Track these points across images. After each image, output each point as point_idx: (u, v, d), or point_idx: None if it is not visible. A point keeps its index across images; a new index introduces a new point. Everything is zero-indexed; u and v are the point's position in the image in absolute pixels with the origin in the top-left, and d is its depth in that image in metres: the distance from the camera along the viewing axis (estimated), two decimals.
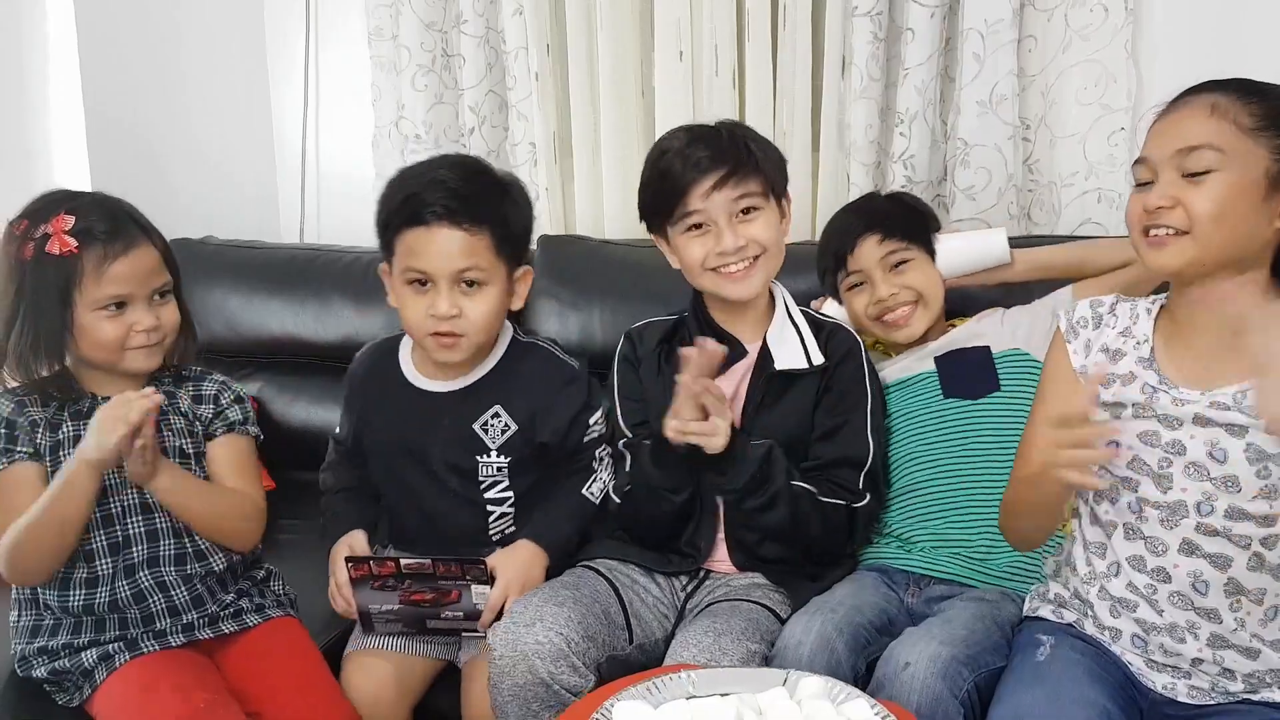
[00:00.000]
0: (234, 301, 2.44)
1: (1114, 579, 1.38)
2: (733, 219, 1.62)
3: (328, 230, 2.83)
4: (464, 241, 1.59)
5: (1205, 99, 1.29)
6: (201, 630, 1.59)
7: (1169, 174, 1.30)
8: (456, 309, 1.60)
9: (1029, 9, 2.17)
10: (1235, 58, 1.91)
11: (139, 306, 1.53)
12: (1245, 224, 1.27)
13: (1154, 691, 1.36)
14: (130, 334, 1.53)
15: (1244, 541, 1.29)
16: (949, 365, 1.75)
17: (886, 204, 1.88)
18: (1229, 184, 1.27)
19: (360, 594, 1.63)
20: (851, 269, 1.80)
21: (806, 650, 1.43)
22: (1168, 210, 1.29)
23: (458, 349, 1.64)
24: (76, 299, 1.49)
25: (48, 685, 1.56)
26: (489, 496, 1.73)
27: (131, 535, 1.56)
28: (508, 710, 1.49)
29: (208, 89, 2.74)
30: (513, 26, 2.45)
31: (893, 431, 1.76)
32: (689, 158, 1.62)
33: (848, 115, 2.26)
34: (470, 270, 1.60)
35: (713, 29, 2.33)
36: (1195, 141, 1.28)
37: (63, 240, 1.49)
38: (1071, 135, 2.19)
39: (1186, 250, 1.29)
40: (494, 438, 1.71)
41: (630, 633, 1.60)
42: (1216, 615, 1.31)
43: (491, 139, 2.57)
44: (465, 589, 1.60)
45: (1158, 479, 1.33)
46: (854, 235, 1.80)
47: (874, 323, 1.80)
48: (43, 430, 1.54)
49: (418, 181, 1.63)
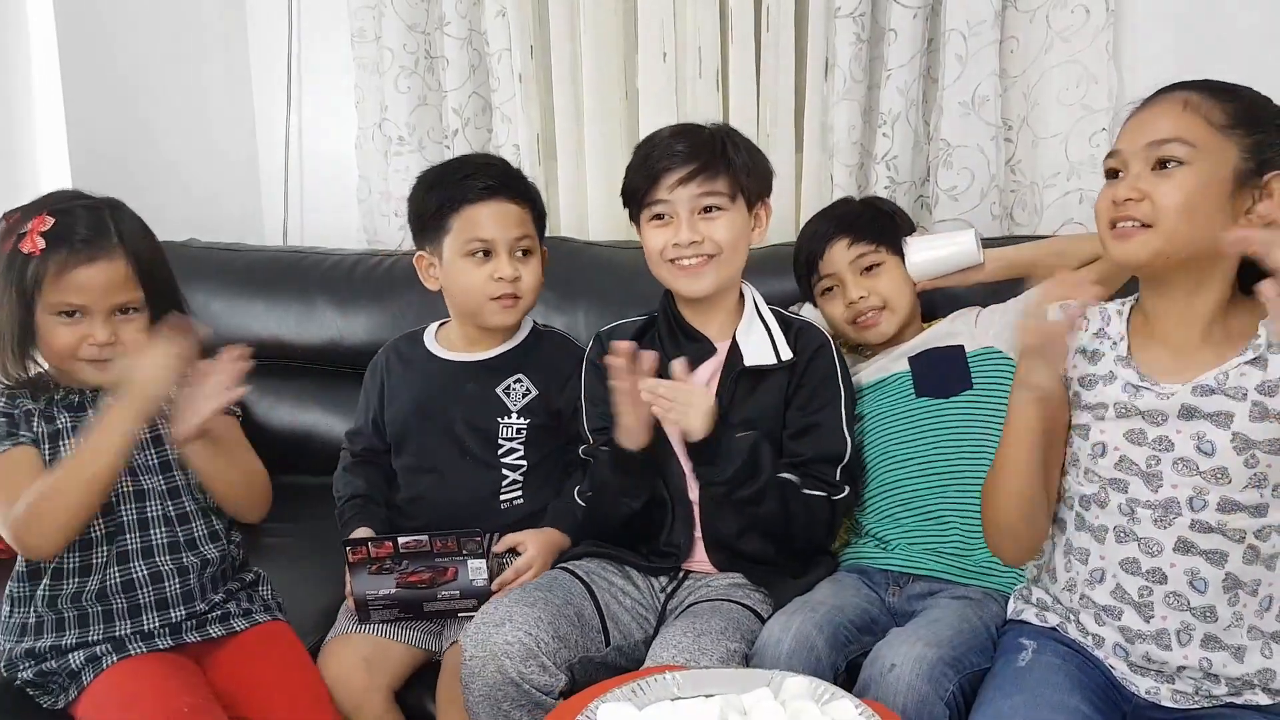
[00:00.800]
0: (217, 305, 2.43)
1: (1098, 585, 1.38)
2: (694, 214, 1.65)
3: (311, 232, 2.82)
4: (518, 213, 1.80)
5: (1179, 95, 1.31)
6: (189, 633, 1.59)
7: (1138, 166, 1.31)
8: (517, 273, 1.78)
9: (1011, 10, 2.18)
10: (1215, 59, 1.92)
11: (95, 319, 1.52)
12: (1211, 219, 1.28)
13: (1138, 696, 1.36)
14: (82, 345, 1.52)
15: (1238, 535, 1.29)
16: (921, 365, 1.76)
17: (858, 208, 1.91)
18: (1197, 178, 1.28)
19: (357, 580, 1.65)
20: (824, 272, 1.83)
21: (785, 648, 1.44)
22: (1135, 203, 1.30)
23: (515, 310, 1.82)
24: (37, 299, 1.50)
25: (31, 689, 1.55)
26: (505, 461, 1.83)
27: (125, 523, 1.56)
28: (480, 709, 1.50)
29: (190, 91, 2.73)
30: (496, 28, 2.45)
31: (867, 432, 1.77)
32: (668, 149, 1.67)
33: (831, 116, 2.27)
34: (524, 239, 1.80)
35: (696, 31, 2.33)
36: (1166, 135, 1.29)
37: (33, 240, 1.49)
38: (1053, 136, 2.20)
39: (1151, 242, 1.30)
40: (515, 400, 1.84)
41: (606, 635, 1.61)
42: (1213, 613, 1.31)
43: (475, 141, 2.57)
44: (461, 565, 1.63)
45: (1147, 478, 1.33)
46: (824, 239, 1.83)
47: (848, 326, 1.83)
48: (38, 420, 1.54)
49: (468, 166, 1.84)
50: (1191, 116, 1.29)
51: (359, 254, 2.50)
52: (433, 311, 1.99)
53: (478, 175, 1.79)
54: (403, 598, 1.66)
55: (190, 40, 2.72)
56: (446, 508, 1.81)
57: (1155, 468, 1.32)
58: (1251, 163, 1.28)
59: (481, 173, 1.80)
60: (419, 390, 1.87)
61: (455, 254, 1.78)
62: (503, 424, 1.83)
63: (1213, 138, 1.28)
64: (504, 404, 1.84)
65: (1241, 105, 1.29)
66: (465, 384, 1.85)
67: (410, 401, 1.88)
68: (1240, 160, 1.28)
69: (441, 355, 1.89)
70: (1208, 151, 1.28)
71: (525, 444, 1.84)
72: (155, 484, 1.59)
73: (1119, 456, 1.35)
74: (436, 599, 1.67)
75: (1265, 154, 1.28)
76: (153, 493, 1.58)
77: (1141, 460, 1.33)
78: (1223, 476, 1.29)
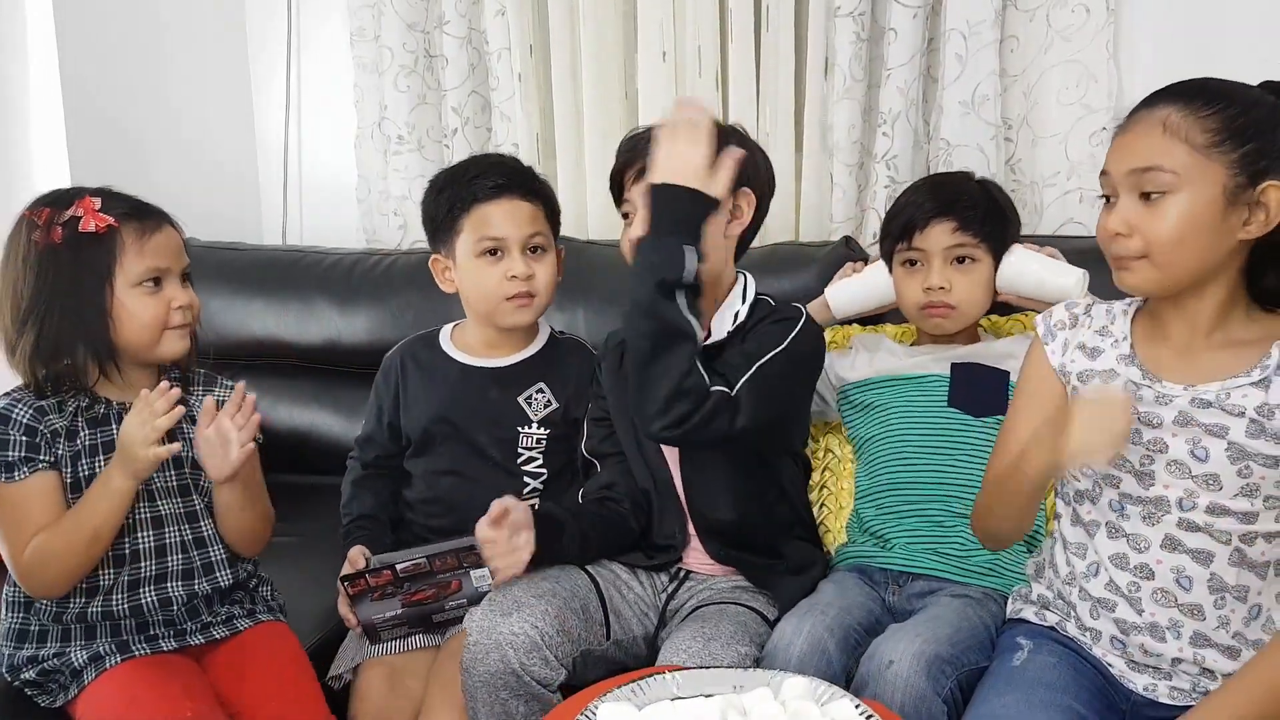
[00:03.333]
0: (216, 304, 2.42)
1: (1093, 579, 1.38)
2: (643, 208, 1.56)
3: (310, 232, 2.82)
4: (529, 210, 1.78)
5: (1159, 114, 1.26)
6: (193, 635, 1.59)
7: (1126, 194, 1.28)
8: (530, 270, 1.76)
9: (1011, 9, 2.18)
10: (1214, 58, 1.92)
11: (174, 283, 1.54)
12: (1207, 242, 1.25)
13: (1135, 693, 1.36)
14: (169, 312, 1.53)
15: (1225, 537, 1.29)
16: (962, 375, 1.71)
17: (975, 191, 1.76)
18: (1184, 206, 1.24)
19: (361, 608, 1.64)
20: (916, 245, 1.73)
21: (797, 652, 1.43)
22: (1124, 238, 1.28)
23: (530, 309, 1.79)
24: (116, 275, 1.49)
25: (30, 689, 1.54)
26: (525, 469, 1.83)
27: (141, 550, 1.55)
28: (477, 695, 1.50)
29: (189, 90, 2.72)
30: (495, 27, 2.45)
31: (887, 423, 1.75)
32: (631, 146, 1.66)
33: (830, 116, 2.27)
34: (537, 236, 1.78)
35: (696, 30, 2.33)
36: (1147, 163, 1.25)
37: (99, 217, 1.49)
38: (1053, 135, 2.20)
39: (1149, 274, 1.28)
40: (536, 410, 1.83)
41: (608, 628, 1.61)
42: (1200, 612, 1.31)
43: (475, 140, 2.57)
44: (464, 576, 1.62)
45: (1139, 476, 1.33)
46: (930, 215, 1.71)
47: (915, 308, 1.75)
48: (63, 440, 1.52)
49: (477, 166, 1.81)
50: (1170, 141, 1.24)
51: (358, 253, 2.49)
52: (432, 311, 1.99)
53: (487, 174, 1.78)
54: (411, 615, 1.66)
55: (189, 39, 2.71)
56: (466, 510, 1.74)
57: (1149, 467, 1.32)
58: (1242, 176, 1.23)
59: (491, 171, 1.79)
60: (441, 396, 1.85)
61: (468, 255, 1.77)
62: (523, 434, 1.83)
63: (1195, 162, 1.23)
64: (525, 414, 1.83)
65: (1226, 116, 1.23)
66: (488, 391, 1.84)
67: (431, 407, 1.85)
68: (1228, 178, 1.23)
69: (461, 360, 1.87)
70: (1191, 178, 1.23)
71: (545, 454, 1.83)
72: (174, 509, 1.58)
73: None
74: (444, 610, 1.67)
75: (1258, 163, 1.23)
76: (170, 518, 1.57)
77: (1135, 458, 1.33)
78: (1214, 482, 1.29)
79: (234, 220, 2.78)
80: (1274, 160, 1.24)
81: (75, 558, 1.47)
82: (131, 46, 2.59)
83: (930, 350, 1.79)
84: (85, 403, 1.54)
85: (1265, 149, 1.23)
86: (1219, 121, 1.23)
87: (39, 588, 1.51)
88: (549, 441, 1.83)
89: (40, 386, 1.51)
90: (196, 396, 1.64)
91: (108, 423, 1.55)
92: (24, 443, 1.49)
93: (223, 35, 2.79)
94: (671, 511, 1.69)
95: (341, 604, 1.68)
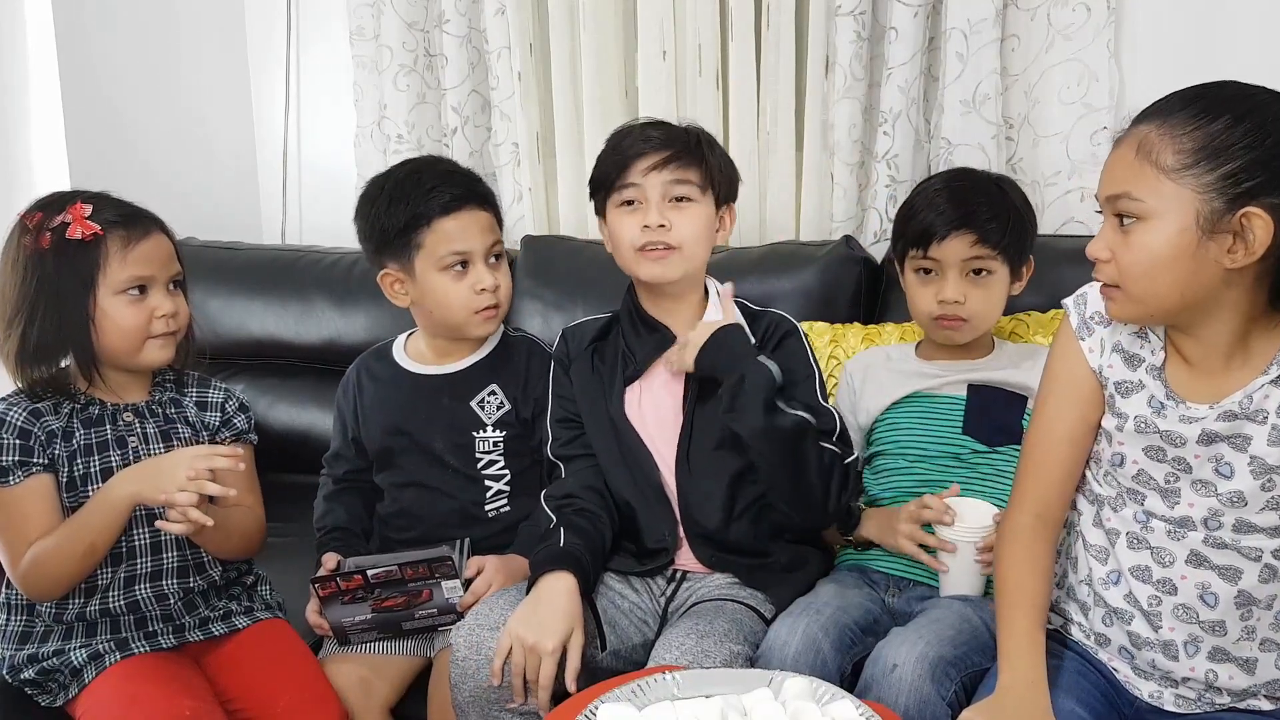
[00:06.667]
0: (215, 303, 2.43)
1: (1113, 587, 1.35)
2: (665, 200, 1.62)
3: (310, 231, 2.82)
4: (487, 219, 1.76)
5: (1140, 133, 1.19)
6: (192, 633, 1.59)
7: (1107, 218, 1.23)
8: (496, 281, 1.75)
9: (1012, 8, 2.18)
10: (1216, 57, 1.92)
11: (159, 292, 1.54)
12: (1183, 274, 1.17)
13: (1140, 700, 1.35)
14: (151, 320, 1.53)
15: (1254, 554, 1.26)
16: (979, 401, 1.68)
17: (997, 197, 1.68)
18: (1153, 235, 1.17)
19: (331, 611, 1.63)
20: (932, 255, 1.67)
21: (792, 650, 1.43)
22: (1104, 264, 1.23)
23: (497, 318, 1.80)
24: (100, 283, 1.50)
25: (30, 689, 1.55)
26: (486, 473, 1.80)
27: (137, 547, 1.56)
28: (468, 711, 1.49)
29: (188, 90, 2.72)
30: (495, 26, 2.44)
31: (896, 438, 1.72)
32: (641, 135, 1.66)
33: (831, 115, 2.26)
34: (496, 244, 1.77)
35: (696, 29, 2.33)
36: (1118, 189, 1.20)
37: (85, 224, 1.49)
38: (1054, 134, 2.20)
39: (1126, 305, 1.23)
40: (490, 414, 1.81)
41: (602, 639, 1.58)
42: (1222, 628, 1.28)
43: (474, 139, 2.57)
44: (435, 586, 1.61)
45: (1164, 493, 1.30)
46: (951, 225, 1.64)
47: (931, 321, 1.70)
48: (59, 440, 1.53)
49: (430, 177, 1.75)
50: (1140, 164, 1.17)
51: (357, 253, 2.45)
52: None
53: (443, 186, 1.72)
54: (380, 621, 1.65)
55: (188, 38, 2.71)
56: (433, 520, 1.78)
57: (1174, 484, 1.29)
58: (1218, 202, 1.13)
59: (446, 183, 1.73)
60: (394, 408, 1.83)
61: (430, 269, 1.72)
62: (479, 438, 1.80)
63: (1162, 187, 1.15)
64: (479, 418, 1.80)
65: (1208, 132, 1.14)
66: (440, 399, 1.81)
67: (386, 420, 1.83)
68: (1201, 203, 1.14)
69: (413, 370, 1.84)
70: (1159, 203, 1.16)
71: (504, 455, 1.80)
72: None
73: (1137, 470, 1.31)
74: (414, 618, 1.65)
75: (1240, 185, 1.13)
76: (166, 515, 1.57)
77: (1160, 476, 1.29)
78: (1239, 499, 1.25)
79: (233, 219, 2.77)
80: (1260, 180, 1.13)
81: (71, 566, 1.49)
82: (131, 46, 2.59)
83: (942, 365, 1.74)
84: (80, 404, 1.55)
85: (1250, 167, 1.13)
86: (1196, 140, 1.15)
87: (36, 594, 1.52)
88: (506, 443, 1.80)
89: (33, 389, 1.53)
90: (190, 398, 1.66)
91: (103, 423, 1.56)
92: (17, 446, 1.50)
93: (222, 34, 2.79)
94: (662, 515, 1.67)
95: (310, 610, 1.67)
